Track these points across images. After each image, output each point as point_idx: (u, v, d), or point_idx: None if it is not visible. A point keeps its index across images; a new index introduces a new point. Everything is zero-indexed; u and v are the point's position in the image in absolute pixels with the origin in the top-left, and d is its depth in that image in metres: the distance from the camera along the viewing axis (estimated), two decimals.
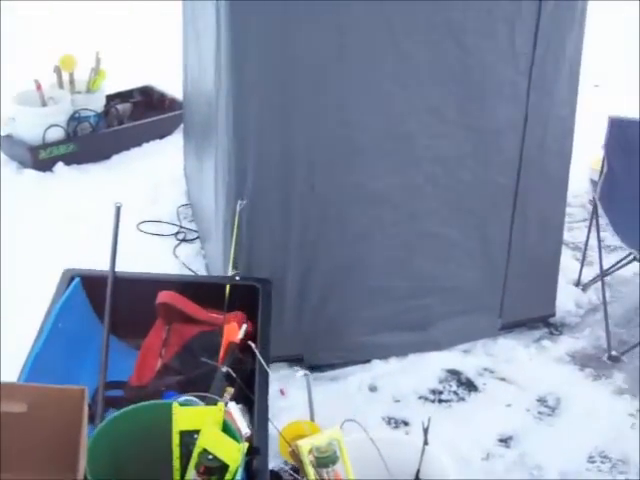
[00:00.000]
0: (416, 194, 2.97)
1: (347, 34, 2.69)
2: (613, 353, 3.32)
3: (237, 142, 2.80)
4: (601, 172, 3.51)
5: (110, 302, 2.74)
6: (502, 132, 3.00)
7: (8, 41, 6.20)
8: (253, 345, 2.38)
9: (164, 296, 2.73)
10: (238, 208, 2.75)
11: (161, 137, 5.06)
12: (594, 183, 4.36)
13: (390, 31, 2.71)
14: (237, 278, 2.72)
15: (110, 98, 5.12)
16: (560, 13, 2.88)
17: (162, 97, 5.34)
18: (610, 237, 3.72)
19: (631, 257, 3.35)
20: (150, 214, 4.23)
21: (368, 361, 3.19)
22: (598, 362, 3.32)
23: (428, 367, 3.21)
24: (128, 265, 2.91)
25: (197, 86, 3.76)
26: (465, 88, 2.87)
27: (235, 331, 2.42)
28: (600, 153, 3.58)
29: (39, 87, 4.71)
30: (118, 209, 2.88)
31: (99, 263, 2.86)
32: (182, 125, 4.66)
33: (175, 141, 4.84)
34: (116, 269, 2.79)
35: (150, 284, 2.90)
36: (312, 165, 2.84)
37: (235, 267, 2.71)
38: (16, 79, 5.16)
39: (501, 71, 2.89)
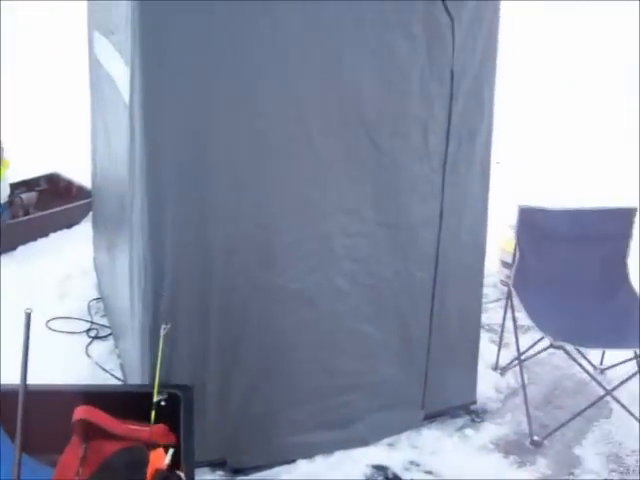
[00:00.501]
0: (336, 293, 2.96)
1: (264, 134, 2.69)
2: (535, 438, 3.36)
3: (153, 244, 2.73)
4: (513, 259, 3.59)
5: (22, 418, 2.60)
6: (418, 228, 3.03)
7: None
8: (182, 475, 2.27)
9: (81, 412, 2.60)
10: (162, 332, 2.67)
11: (69, 227, 4.94)
12: (505, 264, 4.48)
13: (306, 131, 2.73)
14: (162, 403, 2.61)
15: (14, 186, 4.99)
16: (470, 111, 2.96)
17: (69, 185, 5.23)
18: (524, 317, 3.79)
19: (547, 342, 3.40)
20: (60, 309, 4.09)
21: (293, 461, 3.12)
22: (521, 448, 3.34)
23: (354, 464, 3.16)
24: (38, 368, 2.76)
25: (108, 177, 3.69)
26: (381, 187, 2.90)
27: (161, 457, 2.32)
28: (508, 233, 3.68)
29: None
30: (28, 316, 2.73)
31: (8, 373, 2.72)
32: (91, 214, 4.57)
33: (84, 231, 4.71)
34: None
35: (64, 396, 2.77)
36: (231, 267, 2.80)
37: (159, 392, 2.61)
38: None
39: (416, 169, 2.93)
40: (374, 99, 2.77)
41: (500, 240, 4.47)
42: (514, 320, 3.64)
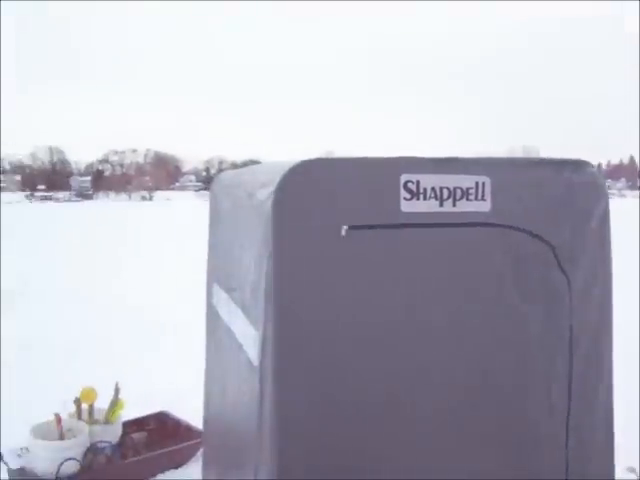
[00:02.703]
0: None
1: (394, 409, 2.72)
2: None
3: None
4: None
5: None
6: None
7: None
8: None
9: None
10: None
11: (176, 467, 4.96)
12: None
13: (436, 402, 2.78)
14: None
15: (126, 425, 5.09)
16: (590, 370, 2.97)
17: (177, 425, 5.32)
18: None
19: None
20: None
21: None
22: None
23: None
24: None
25: (223, 426, 3.68)
26: (506, 445, 2.88)
27: None
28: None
29: (59, 421, 4.68)
30: None
31: None
32: (197, 455, 4.58)
33: (191, 473, 4.74)
34: None
35: None
36: None
37: None
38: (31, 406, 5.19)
39: (539, 423, 2.91)
40: (498, 361, 2.83)
41: None
42: None
